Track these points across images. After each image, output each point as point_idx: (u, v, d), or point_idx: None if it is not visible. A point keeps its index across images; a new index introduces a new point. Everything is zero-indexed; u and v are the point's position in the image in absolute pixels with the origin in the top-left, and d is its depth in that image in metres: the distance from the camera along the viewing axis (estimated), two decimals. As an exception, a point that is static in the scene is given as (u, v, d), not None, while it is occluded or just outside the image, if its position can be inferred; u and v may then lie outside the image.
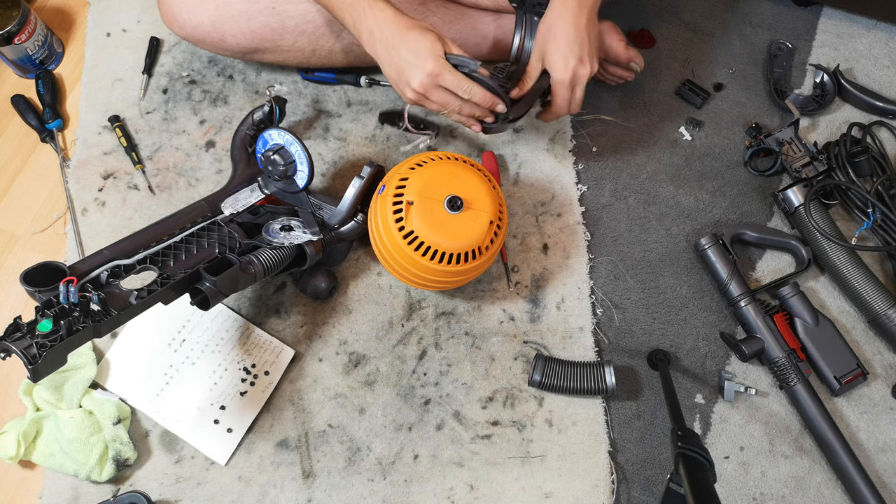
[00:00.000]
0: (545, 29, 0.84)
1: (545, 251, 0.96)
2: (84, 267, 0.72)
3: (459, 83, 0.78)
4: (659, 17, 1.12)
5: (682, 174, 1.03)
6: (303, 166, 0.87)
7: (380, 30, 0.78)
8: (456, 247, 0.79)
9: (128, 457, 0.82)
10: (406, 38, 0.77)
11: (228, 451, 0.84)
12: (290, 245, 0.82)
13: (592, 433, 0.88)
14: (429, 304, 0.93)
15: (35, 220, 0.96)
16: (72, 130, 1.01)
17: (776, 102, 1.06)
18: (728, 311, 0.95)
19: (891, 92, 1.08)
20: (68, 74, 1.06)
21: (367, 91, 1.04)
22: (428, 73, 0.77)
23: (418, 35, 0.77)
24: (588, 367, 0.87)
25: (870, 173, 0.96)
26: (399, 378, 0.89)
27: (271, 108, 0.92)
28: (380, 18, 0.78)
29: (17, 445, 0.80)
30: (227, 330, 0.90)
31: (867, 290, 0.91)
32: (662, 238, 0.99)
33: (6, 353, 0.63)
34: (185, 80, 1.04)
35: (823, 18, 1.14)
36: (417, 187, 0.80)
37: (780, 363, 0.88)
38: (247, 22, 0.90)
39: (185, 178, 0.98)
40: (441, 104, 0.81)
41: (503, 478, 0.85)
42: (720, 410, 0.90)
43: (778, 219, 1.01)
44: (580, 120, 1.04)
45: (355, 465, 0.85)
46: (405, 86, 0.79)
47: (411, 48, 0.77)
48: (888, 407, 0.91)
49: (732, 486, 0.87)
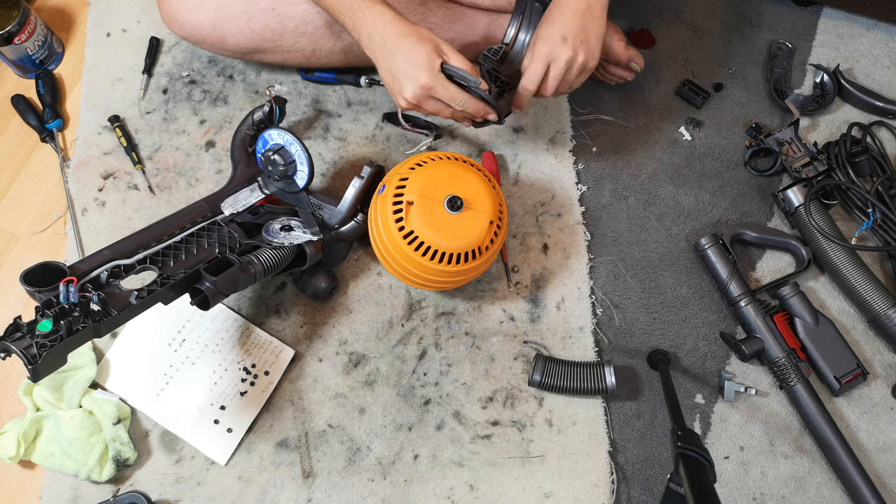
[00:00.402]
0: (544, 16, 0.83)
1: (545, 251, 0.96)
2: (84, 267, 0.72)
3: (453, 96, 0.78)
4: (659, 17, 1.12)
5: (682, 174, 1.03)
6: (303, 166, 0.87)
7: (379, 34, 0.78)
8: (456, 247, 0.79)
9: (128, 457, 0.82)
10: (403, 45, 0.76)
11: (228, 451, 0.84)
12: (290, 245, 0.82)
13: (592, 433, 0.88)
14: (429, 304, 0.93)
15: (35, 220, 0.96)
16: (72, 130, 1.01)
17: (776, 102, 1.06)
18: (728, 311, 0.95)
19: (891, 92, 1.08)
20: (68, 74, 1.06)
21: (367, 91, 1.04)
22: (421, 86, 0.76)
23: (416, 43, 0.76)
24: (588, 367, 0.87)
25: (870, 173, 0.96)
26: (399, 378, 0.89)
27: (271, 108, 0.92)
28: (379, 22, 0.77)
29: (17, 445, 0.80)
30: (227, 330, 0.90)
31: (867, 290, 0.91)
32: (662, 238, 0.99)
33: (6, 353, 0.63)
34: (185, 80, 1.04)
35: (823, 18, 1.14)
36: (417, 187, 0.80)
37: (780, 363, 0.88)
38: (247, 22, 0.90)
39: (185, 178, 0.98)
40: (433, 112, 0.81)
41: (503, 478, 0.85)
42: (720, 410, 0.90)
43: (778, 219, 1.01)
44: (580, 120, 1.05)
45: (355, 465, 0.85)
46: (398, 94, 0.79)
47: (408, 56, 0.76)
48: (888, 407, 0.91)
49: (732, 486, 0.87)
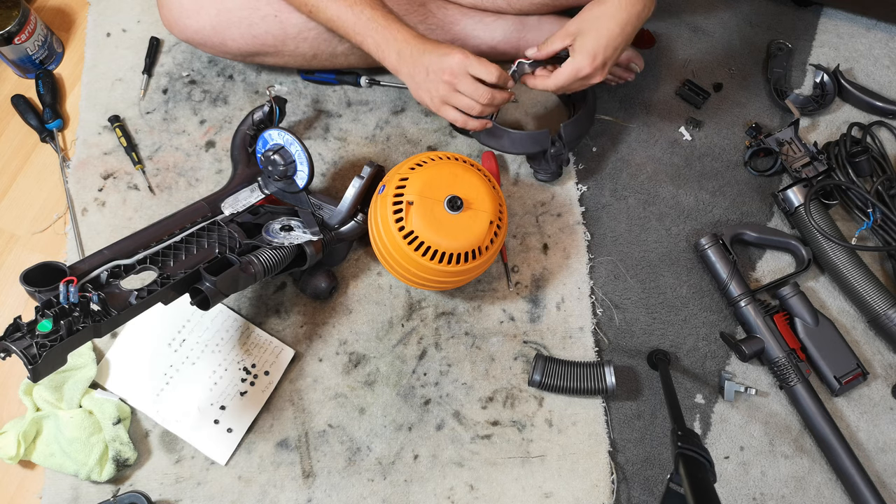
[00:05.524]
0: (592, 15, 0.82)
1: (545, 251, 0.96)
2: (84, 267, 0.72)
3: (487, 67, 0.80)
4: (659, 17, 1.12)
5: (682, 174, 1.03)
6: (303, 166, 0.87)
7: (409, 50, 0.81)
8: (456, 247, 0.79)
9: (128, 457, 0.82)
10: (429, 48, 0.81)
11: (228, 451, 0.84)
12: (290, 245, 0.82)
13: (592, 433, 0.88)
14: (429, 304, 0.93)
15: (35, 220, 0.96)
16: (72, 130, 1.01)
17: (776, 102, 1.06)
18: (728, 311, 0.95)
19: (891, 92, 1.08)
20: (68, 74, 1.06)
21: (368, 91, 1.04)
22: (458, 61, 0.79)
23: (447, 49, 0.80)
24: (588, 367, 0.87)
25: (870, 173, 0.96)
26: (399, 378, 0.89)
27: (271, 108, 0.92)
28: (406, 39, 0.81)
29: (17, 445, 0.80)
30: (227, 330, 0.90)
31: (867, 290, 0.91)
32: (662, 238, 0.99)
33: (6, 353, 0.63)
34: (185, 80, 1.04)
35: (823, 18, 1.14)
36: (417, 187, 0.80)
37: (780, 363, 0.88)
38: (248, 28, 0.90)
39: (185, 178, 0.98)
40: (469, 93, 0.81)
41: (503, 478, 0.85)
42: (720, 410, 0.90)
43: (778, 219, 1.01)
44: (580, 120, 1.05)
45: (355, 465, 0.85)
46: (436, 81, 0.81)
47: (439, 52, 0.80)
48: (888, 407, 0.91)
49: (732, 486, 0.87)
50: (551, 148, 0.94)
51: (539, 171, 0.98)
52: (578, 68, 0.82)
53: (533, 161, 0.99)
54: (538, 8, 0.99)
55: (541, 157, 0.96)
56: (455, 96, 0.82)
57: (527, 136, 0.94)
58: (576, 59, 0.81)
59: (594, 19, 0.81)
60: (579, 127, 0.96)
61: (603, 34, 0.80)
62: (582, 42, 0.81)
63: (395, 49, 0.82)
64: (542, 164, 0.97)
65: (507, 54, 1.00)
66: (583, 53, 0.81)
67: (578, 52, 0.81)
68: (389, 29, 0.81)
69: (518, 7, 0.98)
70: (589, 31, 0.81)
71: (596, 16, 0.81)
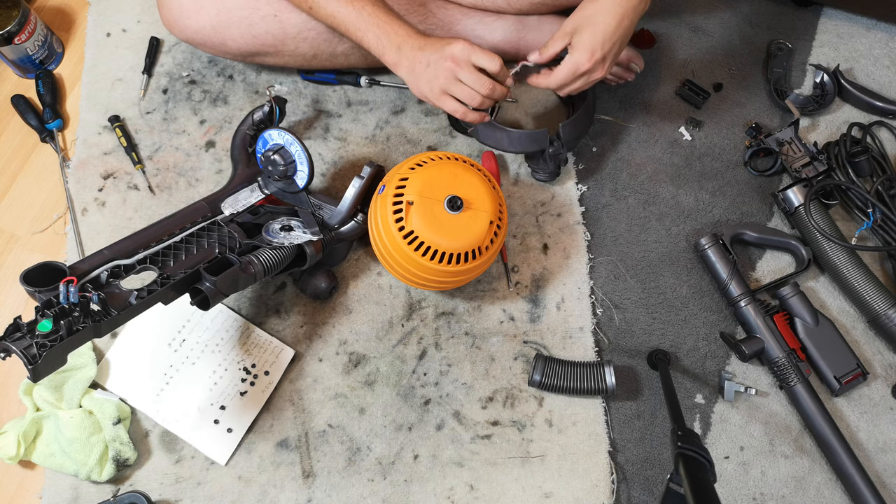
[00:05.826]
0: (588, 12, 0.81)
1: (545, 251, 0.96)
2: (84, 267, 0.72)
3: (490, 56, 0.80)
4: (659, 17, 1.12)
5: (682, 174, 1.03)
6: (303, 166, 0.87)
7: (409, 45, 0.81)
8: (456, 247, 0.79)
9: (128, 457, 0.82)
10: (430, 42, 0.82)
11: (228, 451, 0.84)
12: (290, 245, 0.82)
13: (592, 433, 0.88)
14: (429, 304, 0.93)
15: (35, 220, 0.96)
16: (72, 130, 1.01)
17: (776, 102, 1.06)
18: (728, 311, 0.95)
19: (891, 92, 1.08)
20: (68, 74, 1.06)
21: (368, 91, 1.04)
22: (462, 48, 0.79)
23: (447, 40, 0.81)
24: (588, 367, 0.87)
25: (870, 173, 0.96)
26: (399, 378, 0.89)
27: (271, 108, 0.92)
28: (406, 34, 0.82)
29: (17, 445, 0.80)
30: (227, 330, 0.90)
31: (867, 290, 0.91)
32: (662, 238, 0.99)
33: (6, 353, 0.63)
34: (185, 80, 1.04)
35: (823, 18, 1.14)
36: (417, 187, 0.80)
37: (780, 363, 0.88)
38: (248, 28, 0.90)
39: (185, 178, 0.98)
40: (471, 83, 0.81)
41: (503, 478, 0.85)
42: (720, 410, 0.90)
43: (778, 219, 1.01)
44: (580, 120, 1.05)
45: (355, 465, 0.85)
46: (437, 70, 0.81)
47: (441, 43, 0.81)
48: (888, 407, 0.91)
49: (732, 486, 0.87)
50: (549, 147, 0.94)
51: (537, 171, 0.98)
52: (577, 64, 0.81)
53: (531, 161, 0.99)
54: (538, 8, 0.99)
55: (539, 156, 0.96)
56: (456, 85, 0.82)
57: (525, 135, 0.94)
58: (574, 55, 0.81)
59: (590, 15, 0.81)
60: (578, 127, 0.96)
61: (600, 29, 0.80)
62: (579, 38, 0.81)
63: (396, 44, 0.82)
64: (540, 164, 0.97)
65: (507, 54, 1.00)
66: (581, 49, 0.81)
67: (576, 49, 0.81)
68: (391, 24, 0.82)
69: (518, 7, 0.98)
70: (586, 28, 0.81)
71: (592, 12, 0.81)
